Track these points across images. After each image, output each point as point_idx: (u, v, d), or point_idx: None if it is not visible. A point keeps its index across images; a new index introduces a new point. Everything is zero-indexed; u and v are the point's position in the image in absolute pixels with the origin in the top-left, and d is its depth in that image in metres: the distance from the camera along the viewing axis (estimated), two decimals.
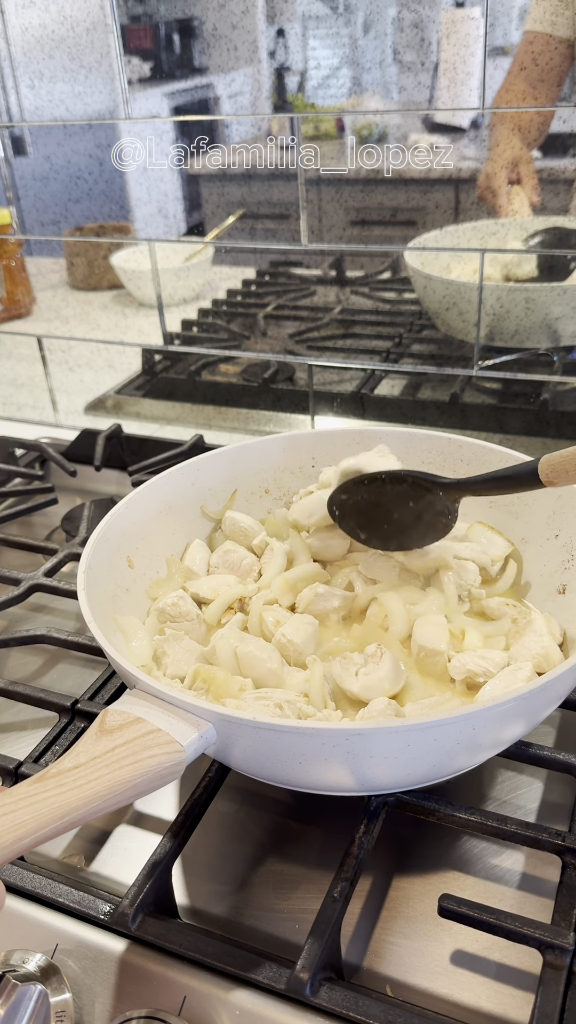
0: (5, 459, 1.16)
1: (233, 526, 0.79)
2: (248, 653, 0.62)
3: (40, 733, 0.69)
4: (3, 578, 0.85)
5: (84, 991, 0.50)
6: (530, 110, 0.86)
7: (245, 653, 0.62)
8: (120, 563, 0.71)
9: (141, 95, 1.04)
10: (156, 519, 0.76)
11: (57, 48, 1.04)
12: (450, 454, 0.80)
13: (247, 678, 0.61)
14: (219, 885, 0.57)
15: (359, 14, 0.90)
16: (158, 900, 0.53)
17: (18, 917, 0.53)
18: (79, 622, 0.85)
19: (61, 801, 0.44)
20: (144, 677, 0.52)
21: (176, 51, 1.00)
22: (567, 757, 0.58)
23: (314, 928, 0.49)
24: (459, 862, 0.58)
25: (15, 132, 1.13)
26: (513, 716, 0.52)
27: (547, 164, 0.94)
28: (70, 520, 1.01)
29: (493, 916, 0.49)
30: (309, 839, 0.60)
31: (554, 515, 0.72)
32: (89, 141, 1.09)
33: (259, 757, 0.53)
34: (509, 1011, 0.49)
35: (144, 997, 0.49)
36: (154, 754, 0.48)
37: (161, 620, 0.70)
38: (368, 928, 0.54)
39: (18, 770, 0.62)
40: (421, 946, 0.53)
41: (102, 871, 0.59)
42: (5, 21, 1.05)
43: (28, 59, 1.06)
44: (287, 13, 0.93)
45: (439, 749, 0.51)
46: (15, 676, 0.78)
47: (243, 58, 0.97)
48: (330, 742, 0.49)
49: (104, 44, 1.01)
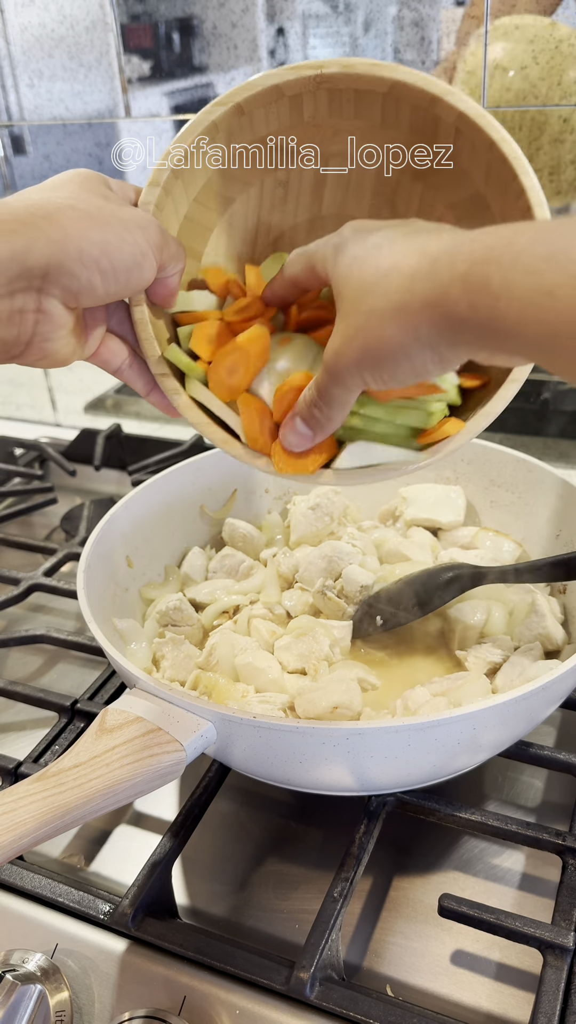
0: (5, 459, 1.16)
1: (232, 532, 0.79)
2: (247, 665, 0.62)
3: (40, 733, 0.69)
4: (2, 578, 0.85)
5: (84, 991, 0.50)
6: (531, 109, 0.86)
7: (244, 665, 0.62)
8: (120, 563, 0.71)
9: (141, 94, 1.03)
10: (156, 519, 0.76)
11: (57, 47, 1.04)
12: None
13: (250, 685, 0.61)
14: (219, 885, 0.57)
15: (359, 13, 0.89)
16: (158, 900, 0.53)
17: (18, 917, 0.53)
18: (79, 622, 0.85)
19: (61, 800, 0.44)
20: (144, 676, 0.52)
21: (176, 50, 1.00)
22: (567, 757, 0.58)
23: (314, 928, 0.49)
24: (459, 862, 0.58)
25: (14, 131, 1.12)
26: (513, 716, 0.52)
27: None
28: (69, 520, 1.01)
29: (493, 916, 0.49)
30: (309, 839, 0.60)
31: (555, 515, 0.72)
32: (89, 140, 1.08)
33: (259, 757, 0.53)
34: (509, 1011, 0.49)
35: (144, 997, 0.49)
36: (154, 753, 0.48)
37: (162, 623, 0.70)
38: (368, 928, 0.54)
39: (18, 770, 0.62)
40: (421, 946, 0.53)
41: (102, 871, 0.59)
42: (5, 20, 1.05)
43: (27, 58, 1.06)
44: (287, 12, 0.93)
45: (439, 749, 0.50)
46: (15, 676, 0.78)
47: (243, 57, 0.97)
48: (330, 742, 0.49)
49: (104, 43, 1.01)
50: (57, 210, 0.42)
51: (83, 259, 0.42)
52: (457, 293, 0.36)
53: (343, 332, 0.42)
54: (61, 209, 0.42)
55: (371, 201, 0.57)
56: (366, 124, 0.53)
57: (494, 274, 0.34)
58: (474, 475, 0.79)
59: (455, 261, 0.36)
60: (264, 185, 0.56)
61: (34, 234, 0.40)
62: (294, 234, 0.58)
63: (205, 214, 0.55)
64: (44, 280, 0.41)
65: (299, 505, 0.78)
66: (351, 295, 0.42)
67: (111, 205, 0.45)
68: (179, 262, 0.49)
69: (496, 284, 0.34)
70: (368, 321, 0.40)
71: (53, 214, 0.41)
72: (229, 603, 0.72)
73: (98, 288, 0.43)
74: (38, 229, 0.40)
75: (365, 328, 0.41)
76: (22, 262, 0.40)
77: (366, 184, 0.56)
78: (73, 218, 0.42)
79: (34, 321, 0.42)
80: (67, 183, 0.45)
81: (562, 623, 0.66)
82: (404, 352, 0.40)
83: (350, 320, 0.42)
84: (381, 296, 0.40)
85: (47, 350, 0.44)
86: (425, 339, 0.39)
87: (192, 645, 0.67)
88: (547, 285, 0.32)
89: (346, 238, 0.45)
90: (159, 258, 0.46)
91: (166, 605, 0.70)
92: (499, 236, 0.35)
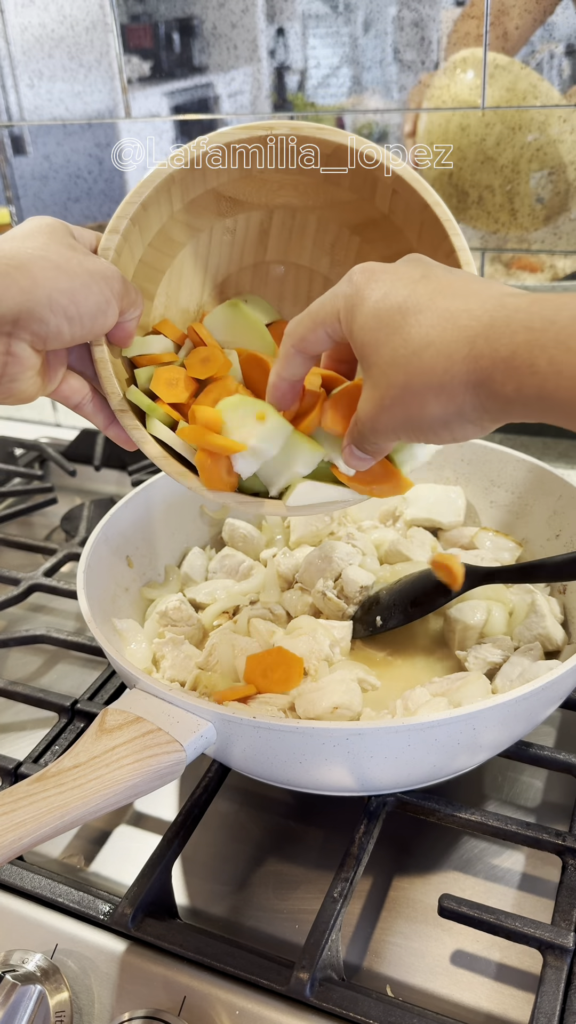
0: (5, 459, 1.16)
1: (232, 532, 0.79)
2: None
3: (40, 733, 0.69)
4: (3, 578, 0.85)
5: (84, 991, 0.50)
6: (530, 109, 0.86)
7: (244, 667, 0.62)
8: (120, 563, 0.71)
9: (141, 94, 1.03)
10: (156, 519, 0.76)
11: (57, 47, 1.04)
12: (450, 454, 0.80)
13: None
14: (219, 885, 0.57)
15: (359, 13, 0.89)
16: (158, 900, 0.53)
17: (18, 917, 0.53)
18: (79, 622, 0.85)
19: (61, 800, 0.44)
20: (144, 677, 0.52)
21: (176, 50, 1.00)
22: (567, 757, 0.58)
23: (314, 928, 0.49)
24: (459, 862, 0.58)
25: (14, 131, 1.12)
26: (513, 716, 0.52)
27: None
28: (70, 520, 1.01)
29: (493, 916, 0.49)
30: (309, 839, 0.60)
31: (555, 515, 0.72)
32: (89, 140, 1.08)
33: (259, 757, 0.53)
34: (509, 1011, 0.49)
35: (144, 997, 0.49)
36: (154, 753, 0.48)
37: (162, 623, 0.70)
38: (368, 928, 0.54)
39: (18, 770, 0.62)
40: (421, 946, 0.53)
41: (102, 871, 0.59)
42: (5, 20, 1.05)
43: (28, 58, 1.06)
44: (287, 12, 0.93)
45: (439, 749, 0.50)
46: (15, 676, 0.78)
47: (243, 57, 0.97)
48: (330, 742, 0.49)
49: (104, 43, 1.01)
50: (29, 259, 0.45)
51: (52, 306, 0.45)
52: (502, 376, 0.36)
53: (377, 400, 0.42)
54: (33, 259, 0.45)
55: (311, 251, 0.61)
56: (309, 180, 0.57)
57: (539, 356, 0.34)
58: (474, 475, 0.79)
59: (496, 345, 0.36)
60: (213, 231, 0.60)
61: (6, 283, 0.43)
62: (240, 277, 0.63)
63: (158, 257, 0.58)
64: (15, 325, 0.44)
65: None
66: (382, 364, 0.41)
67: (77, 256, 0.47)
68: (137, 308, 0.52)
69: (543, 365, 0.34)
70: (406, 395, 0.40)
71: (25, 263, 0.44)
72: (229, 603, 0.72)
73: (65, 333, 0.46)
74: (10, 279, 0.43)
75: (404, 401, 0.40)
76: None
77: (307, 234, 0.61)
78: (43, 268, 0.45)
79: (3, 363, 0.45)
80: (36, 233, 0.48)
81: (562, 623, 0.66)
82: (446, 426, 0.40)
83: (384, 391, 0.41)
84: (418, 375, 0.39)
85: (13, 389, 0.47)
86: (470, 415, 0.39)
87: (192, 645, 0.67)
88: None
89: (359, 288, 0.43)
90: (120, 305, 0.50)
91: (166, 605, 0.70)
92: (539, 315, 0.35)
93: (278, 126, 0.55)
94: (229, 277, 0.62)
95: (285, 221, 0.61)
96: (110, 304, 0.48)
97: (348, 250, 0.61)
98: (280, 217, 0.61)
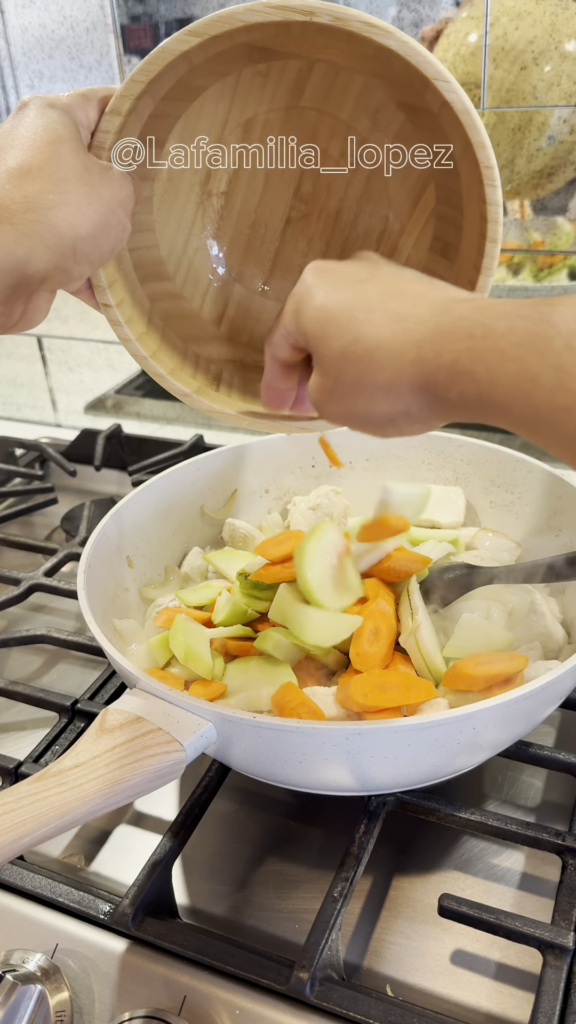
0: (5, 459, 1.16)
1: (232, 532, 0.79)
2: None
3: (40, 733, 0.69)
4: (3, 578, 0.85)
5: (84, 991, 0.50)
6: (529, 109, 0.86)
7: None
8: (120, 563, 0.71)
9: None
10: (156, 519, 0.76)
11: (57, 48, 1.04)
12: (450, 454, 0.80)
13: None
14: (219, 885, 0.57)
15: None
16: (158, 900, 0.53)
17: (18, 917, 0.53)
18: (79, 622, 0.85)
19: (61, 800, 0.44)
20: (144, 676, 0.52)
21: None
22: (567, 757, 0.58)
23: (314, 928, 0.49)
24: (459, 862, 0.58)
25: None
26: (513, 716, 0.52)
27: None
28: (70, 520, 1.01)
29: (493, 916, 0.49)
30: (309, 839, 0.60)
31: (555, 515, 0.72)
32: None
33: (259, 757, 0.53)
34: (509, 1011, 0.49)
35: (144, 997, 0.49)
36: (154, 753, 0.48)
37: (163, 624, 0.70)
38: (368, 928, 0.54)
39: (18, 770, 0.62)
40: (421, 946, 0.53)
41: (102, 871, 0.59)
42: (5, 21, 1.05)
43: (28, 59, 1.06)
44: None
45: (439, 749, 0.51)
46: (15, 676, 0.78)
47: None
48: (330, 742, 0.49)
49: (104, 44, 1.01)
50: (51, 209, 0.44)
51: (76, 257, 0.45)
52: (446, 381, 0.37)
53: (329, 390, 0.43)
54: (55, 207, 0.44)
55: (352, 108, 0.56)
56: (359, 49, 0.50)
57: (478, 363, 0.36)
58: (474, 475, 0.79)
59: (440, 350, 0.37)
60: (242, 74, 0.55)
61: (33, 243, 0.43)
62: (270, 117, 0.57)
63: (174, 106, 0.54)
64: (42, 284, 0.44)
65: (299, 505, 0.78)
66: (331, 357, 0.42)
67: (92, 178, 0.46)
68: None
69: (481, 372, 0.36)
70: (355, 391, 0.41)
71: (48, 216, 0.44)
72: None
73: (86, 274, 0.47)
74: (37, 237, 0.43)
75: (353, 396, 0.41)
76: (23, 271, 0.42)
77: (350, 92, 0.56)
78: (65, 216, 0.44)
79: (22, 311, 0.45)
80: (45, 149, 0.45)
81: (562, 623, 0.66)
82: (393, 423, 0.41)
83: (335, 384, 0.42)
84: (368, 373, 0.40)
85: (26, 327, 0.47)
86: (416, 414, 0.40)
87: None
88: (529, 373, 0.34)
89: (309, 286, 0.45)
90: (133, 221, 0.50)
91: (166, 605, 0.70)
92: (479, 323, 0.37)
93: (319, 11, 0.46)
94: (256, 116, 0.57)
95: (327, 75, 0.55)
96: (126, 230, 0.48)
97: (392, 122, 0.55)
98: (322, 70, 0.55)
